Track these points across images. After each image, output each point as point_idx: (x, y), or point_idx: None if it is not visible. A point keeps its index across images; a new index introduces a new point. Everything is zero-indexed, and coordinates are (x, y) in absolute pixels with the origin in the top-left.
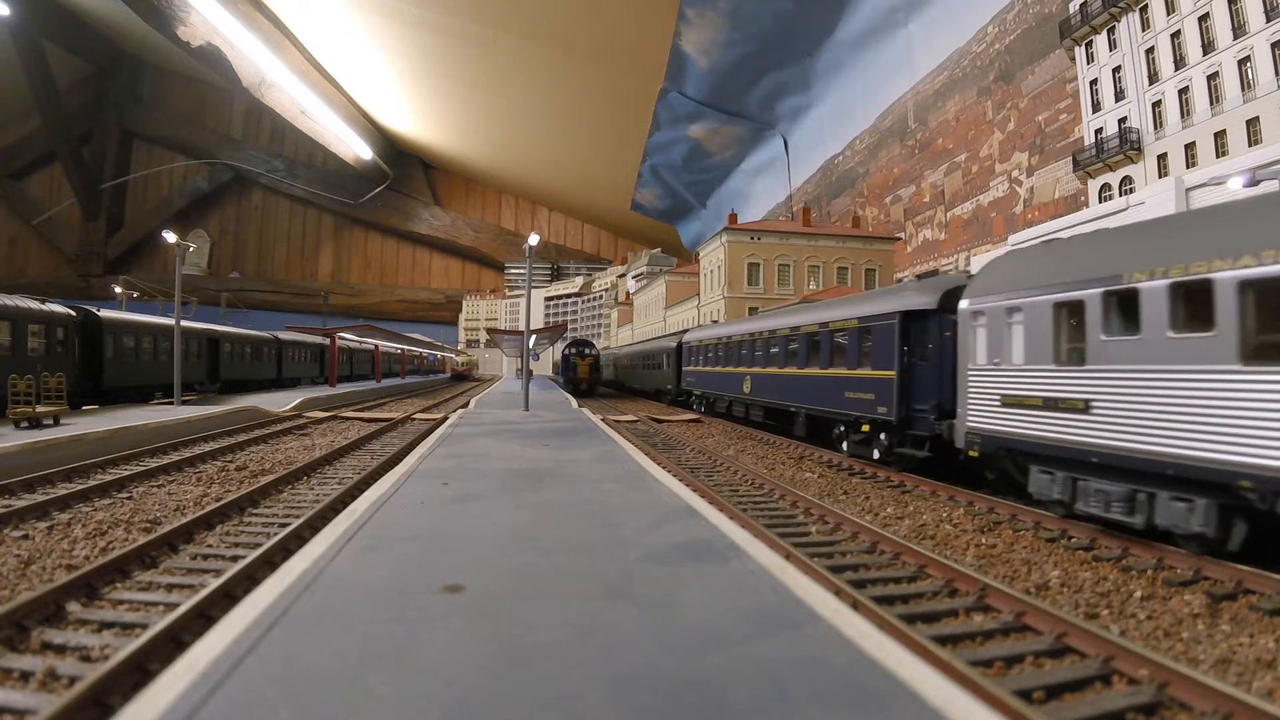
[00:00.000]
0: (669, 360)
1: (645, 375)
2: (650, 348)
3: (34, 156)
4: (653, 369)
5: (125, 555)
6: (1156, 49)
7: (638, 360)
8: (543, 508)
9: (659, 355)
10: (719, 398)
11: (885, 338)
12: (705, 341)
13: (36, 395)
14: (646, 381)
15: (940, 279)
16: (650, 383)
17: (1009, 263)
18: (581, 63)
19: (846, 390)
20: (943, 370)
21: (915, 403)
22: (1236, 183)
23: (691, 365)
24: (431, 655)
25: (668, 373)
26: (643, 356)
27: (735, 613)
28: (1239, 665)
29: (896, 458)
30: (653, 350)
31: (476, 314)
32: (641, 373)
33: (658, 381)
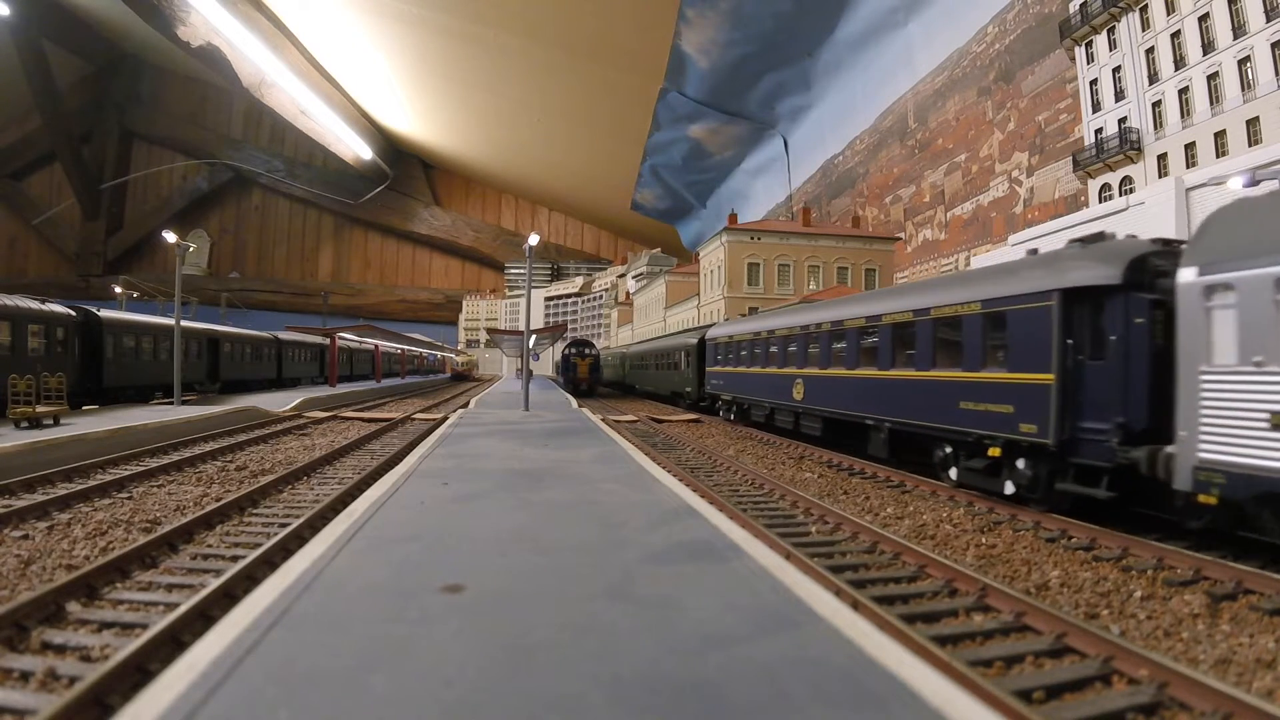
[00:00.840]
0: (688, 359)
1: (659, 376)
2: (665, 345)
3: (34, 156)
4: (668, 369)
5: (125, 555)
6: (1156, 49)
7: (649, 359)
8: (543, 508)
9: (676, 354)
10: (755, 404)
11: (1034, 327)
12: (738, 337)
13: (36, 395)
14: (660, 383)
15: (1118, 244)
16: (665, 385)
17: (1272, 207)
18: (581, 63)
19: (963, 399)
20: (1131, 373)
21: (1085, 419)
22: (1236, 183)
23: (719, 365)
24: (431, 655)
25: (687, 374)
26: (656, 355)
27: (735, 612)
28: (1239, 665)
29: (1047, 495)
30: (668, 348)
31: (476, 314)
32: (654, 374)
33: (674, 383)
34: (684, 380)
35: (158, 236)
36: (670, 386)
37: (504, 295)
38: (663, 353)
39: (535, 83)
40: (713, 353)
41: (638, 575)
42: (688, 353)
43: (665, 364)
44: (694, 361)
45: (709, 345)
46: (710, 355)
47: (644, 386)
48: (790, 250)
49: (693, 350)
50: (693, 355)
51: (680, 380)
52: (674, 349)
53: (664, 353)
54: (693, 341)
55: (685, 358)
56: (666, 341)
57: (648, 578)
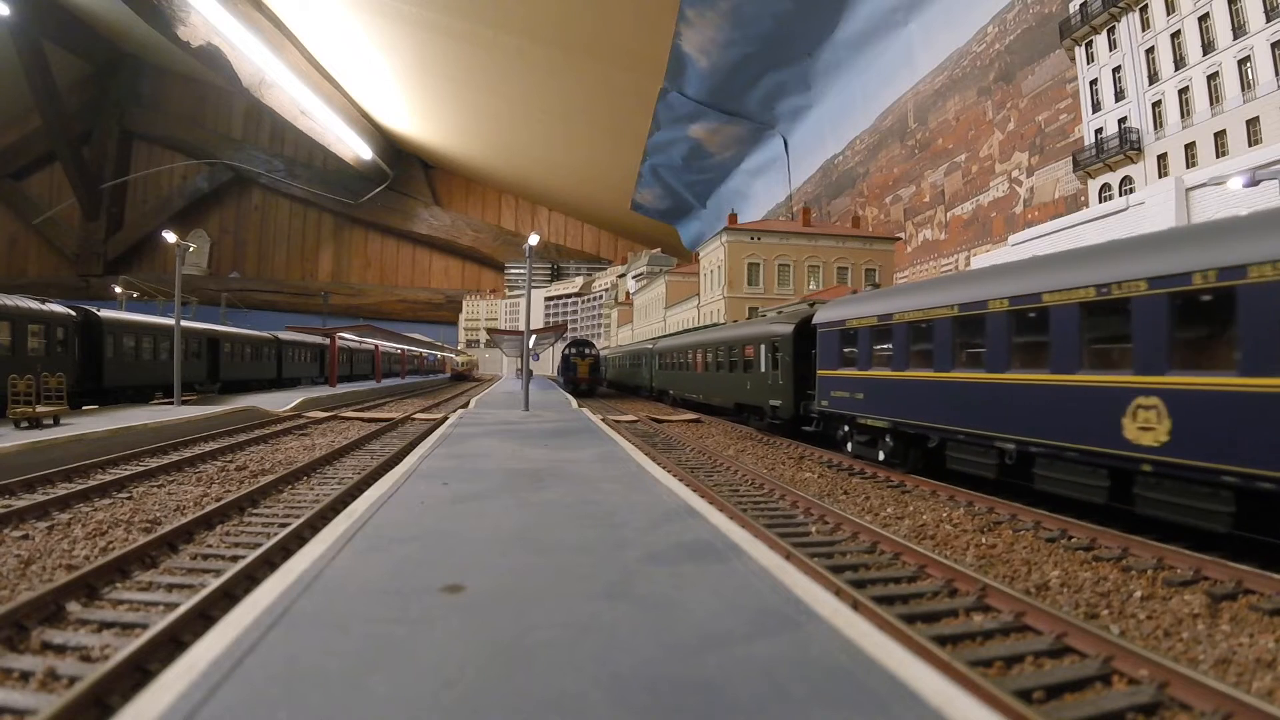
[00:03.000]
0: (774, 356)
1: (713, 381)
2: (728, 335)
3: (34, 156)
4: (734, 370)
5: (125, 555)
6: (1156, 49)
7: (698, 356)
8: (543, 508)
9: (752, 346)
10: (952, 439)
11: None
12: (905, 316)
13: (36, 395)
14: (714, 389)
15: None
16: (728, 393)
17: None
18: (581, 63)
19: None
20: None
21: None
22: (1236, 183)
23: (848, 367)
24: (432, 655)
25: (770, 378)
26: (707, 350)
27: (735, 612)
28: (1239, 665)
29: None
30: (736, 339)
31: (476, 314)
32: (703, 377)
33: (746, 392)
34: (765, 389)
35: (158, 236)
36: (738, 395)
37: (504, 295)
38: (725, 346)
39: (535, 83)
40: (832, 344)
41: (638, 575)
42: (774, 346)
43: (725, 363)
44: (789, 360)
45: (827, 334)
46: (827, 350)
47: (684, 393)
48: (790, 250)
49: (785, 342)
50: (785, 349)
51: (757, 389)
52: (747, 340)
53: (727, 345)
54: (784, 330)
55: (768, 355)
56: (729, 332)
57: (648, 578)
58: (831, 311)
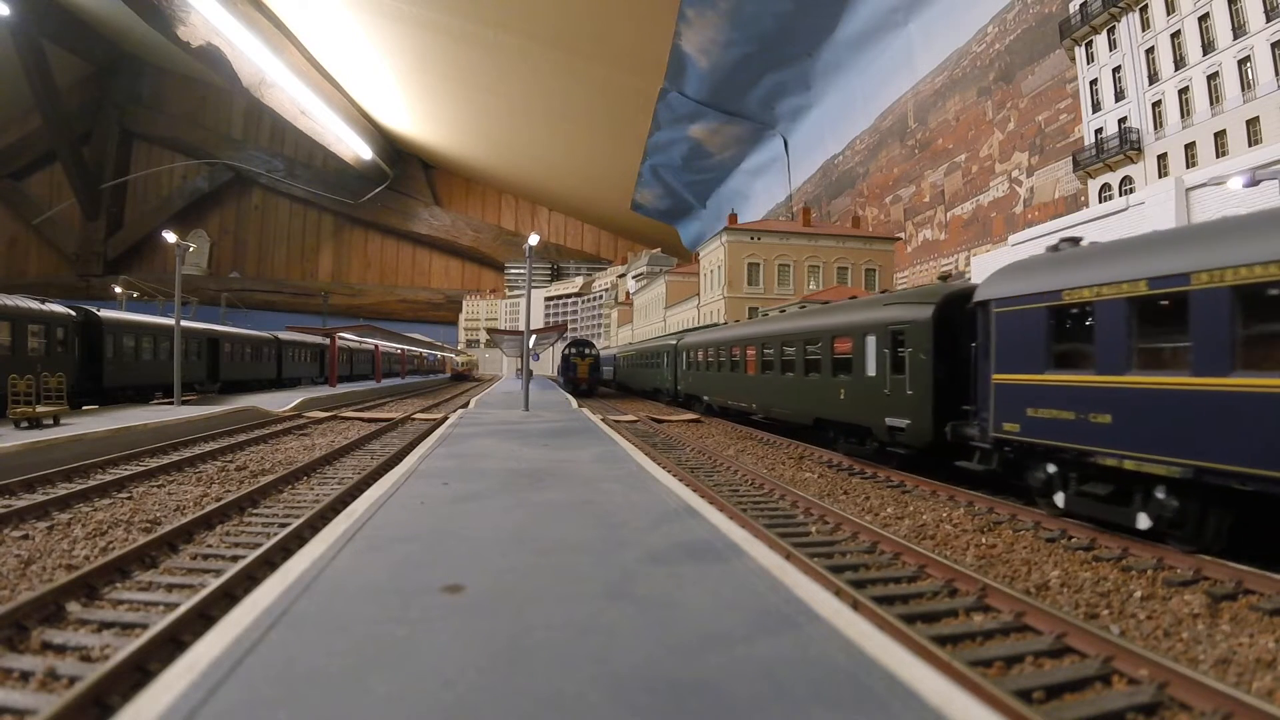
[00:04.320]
0: (893, 352)
1: (777, 387)
2: (807, 325)
3: (34, 156)
4: (814, 372)
5: (125, 555)
6: (1156, 49)
7: (751, 353)
8: (543, 508)
9: (851, 337)
10: None
11: None
12: (1240, 276)
13: (36, 395)
14: (779, 398)
15: None
16: (803, 403)
17: None
18: (581, 63)
19: None
20: None
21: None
22: (1236, 183)
23: (1069, 369)
24: (431, 655)
25: (886, 384)
26: (773, 344)
27: (735, 612)
28: (1239, 665)
29: None
30: (819, 329)
31: (476, 314)
32: (760, 381)
33: (838, 404)
34: (880, 400)
35: (158, 236)
36: (822, 409)
37: (504, 295)
38: (793, 339)
39: (535, 83)
40: (1033, 331)
41: (638, 575)
42: (896, 338)
43: (799, 362)
44: (921, 358)
45: (1014, 317)
46: (1018, 339)
47: (728, 400)
48: (790, 250)
49: (919, 332)
50: (917, 342)
51: (864, 399)
52: (836, 331)
53: (798, 339)
54: (917, 315)
55: (885, 349)
56: (808, 320)
57: (648, 578)
58: (1022, 279)
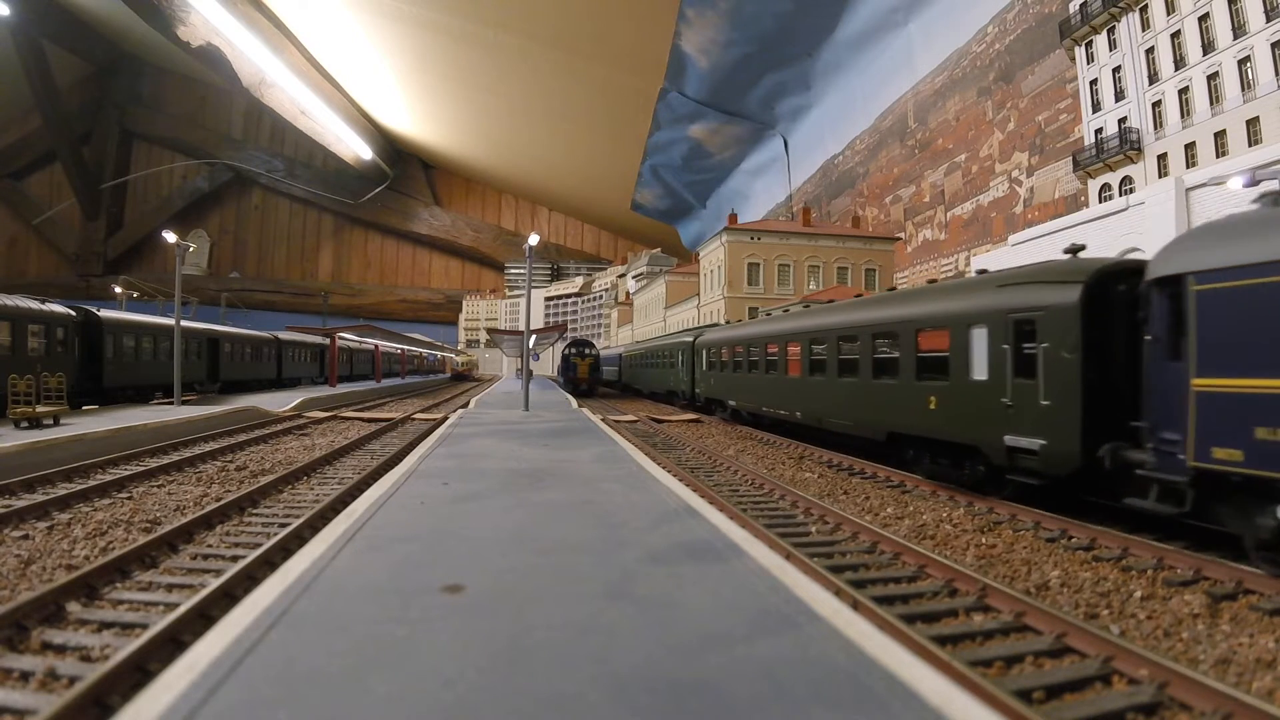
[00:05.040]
0: (1014, 350)
1: (834, 393)
2: (877, 317)
3: (34, 156)
4: (889, 374)
5: (125, 555)
6: (1156, 49)
7: (796, 351)
8: (543, 508)
9: (944, 331)
10: None
11: None
12: None
13: (36, 395)
14: (837, 405)
15: None
16: (873, 412)
17: None
18: (581, 63)
19: None
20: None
21: None
22: (1236, 183)
23: None
24: (431, 655)
25: (1003, 390)
26: (827, 339)
27: (735, 612)
28: (1239, 665)
29: None
30: (896, 321)
31: (476, 314)
32: (809, 385)
33: (926, 415)
34: (992, 412)
35: (158, 236)
36: (901, 420)
37: (504, 295)
38: (856, 333)
39: (535, 83)
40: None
41: (638, 575)
42: (1021, 329)
43: (866, 362)
44: (1066, 356)
45: (1240, 295)
46: (1244, 328)
47: (764, 406)
48: (790, 250)
49: (1060, 322)
50: (1057, 336)
51: (968, 409)
52: (921, 322)
53: (863, 333)
54: (1059, 300)
55: (1003, 345)
56: (878, 310)
57: (647, 578)
58: (1245, 242)
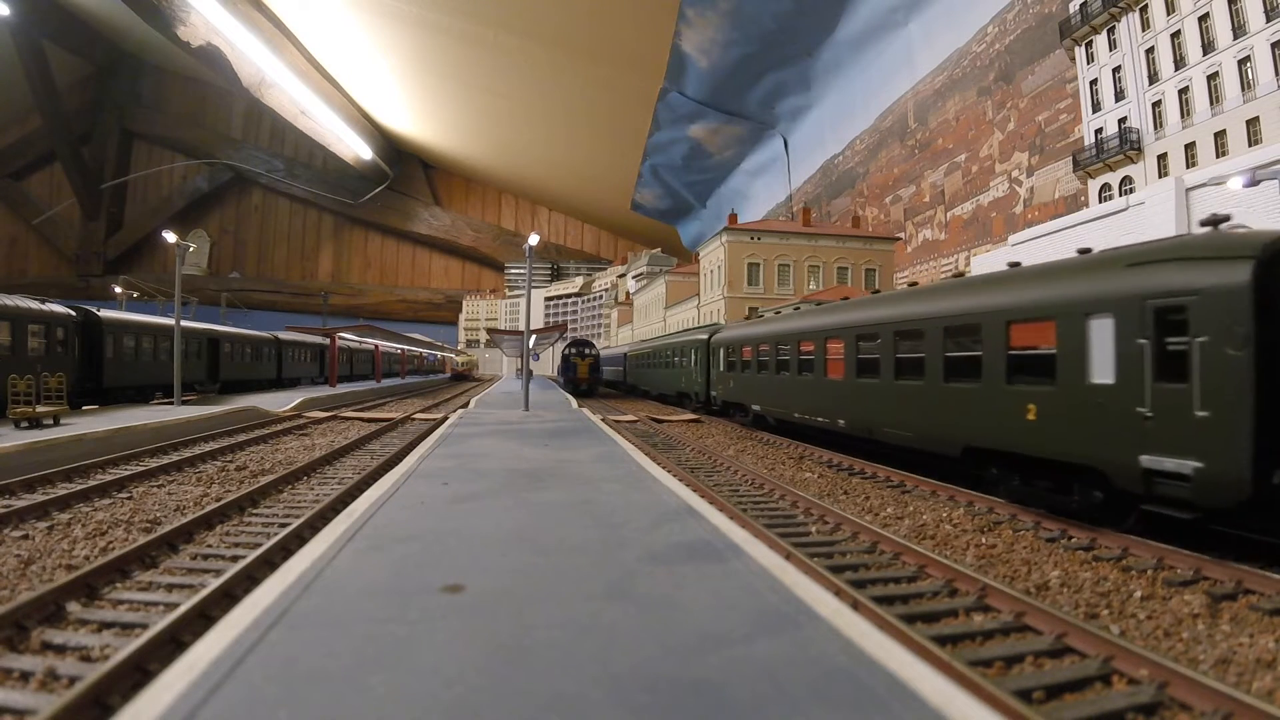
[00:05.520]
0: (1179, 345)
1: (890, 398)
2: (962, 307)
3: (34, 156)
4: (970, 377)
5: (125, 555)
6: (1156, 49)
7: (839, 350)
8: (543, 508)
9: (1053, 321)
10: None
11: None
12: None
13: (36, 395)
14: (893, 412)
15: None
16: (946, 422)
17: None
18: (582, 63)
19: None
20: None
21: None
22: (1236, 183)
23: None
24: (431, 655)
25: (1171, 395)
26: (880, 333)
27: (735, 612)
28: (1239, 665)
29: None
30: (986, 312)
31: (476, 314)
32: (856, 390)
33: (1027, 430)
34: (1135, 428)
35: (158, 236)
36: (992, 433)
37: (504, 295)
38: (924, 326)
39: (535, 83)
40: None
41: (638, 575)
42: (1187, 318)
43: (935, 363)
44: (1235, 357)
45: None
46: None
47: (795, 413)
48: (790, 250)
49: (1230, 301)
50: (1225, 328)
51: (1098, 420)
52: (1024, 310)
53: (936, 327)
54: (1231, 280)
55: (1165, 341)
56: (962, 299)
57: (648, 577)
58: None
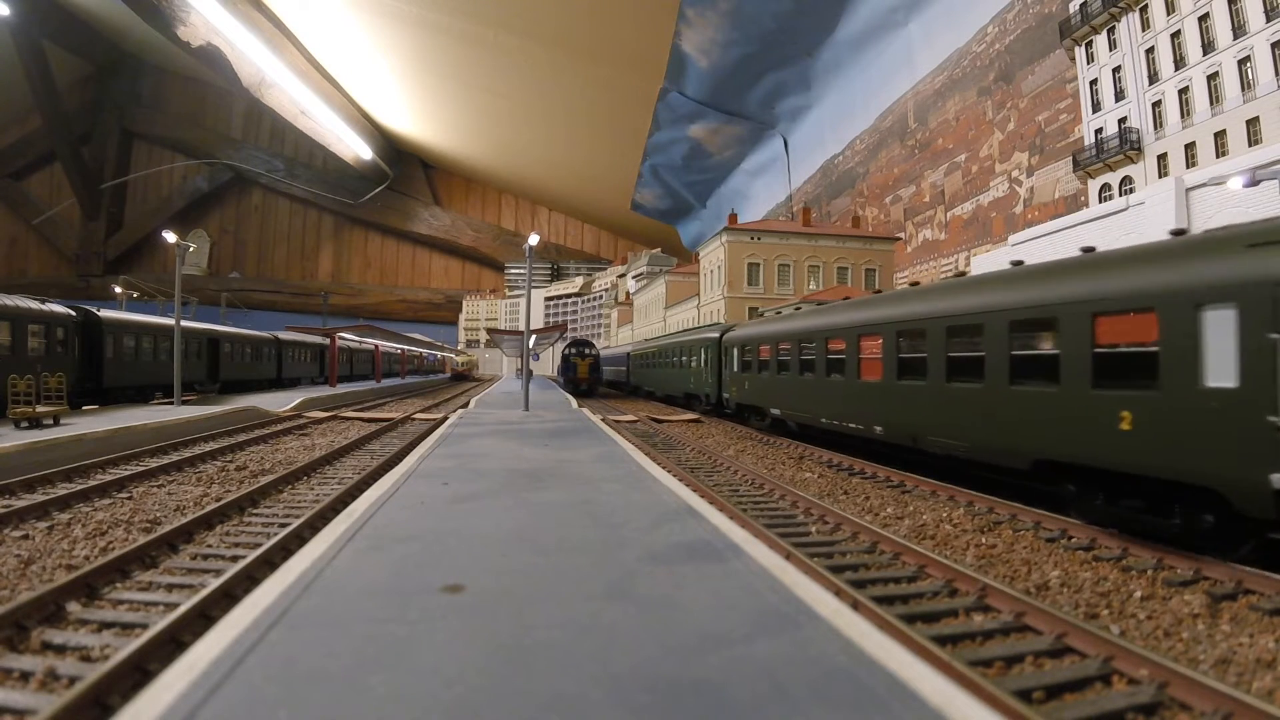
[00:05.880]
0: None
1: (1056, 407)
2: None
3: (34, 156)
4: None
5: (125, 555)
6: (1156, 49)
7: (921, 345)
8: (543, 508)
9: None
10: None
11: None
12: None
13: (36, 395)
14: (1061, 425)
15: None
16: (1139, 441)
17: None
18: (582, 63)
19: None
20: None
21: None
22: (1236, 183)
23: None
24: (431, 655)
25: None
26: (1003, 323)
27: (735, 612)
28: (1239, 665)
29: None
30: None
31: (476, 314)
32: (966, 398)
33: None
34: None
35: (158, 236)
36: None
37: (504, 295)
38: (1091, 308)
39: (535, 83)
40: None
41: (638, 575)
42: None
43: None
44: None
45: None
46: None
47: (851, 422)
48: (790, 250)
49: None
50: None
51: None
52: None
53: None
54: None
55: None
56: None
57: (648, 577)
58: None
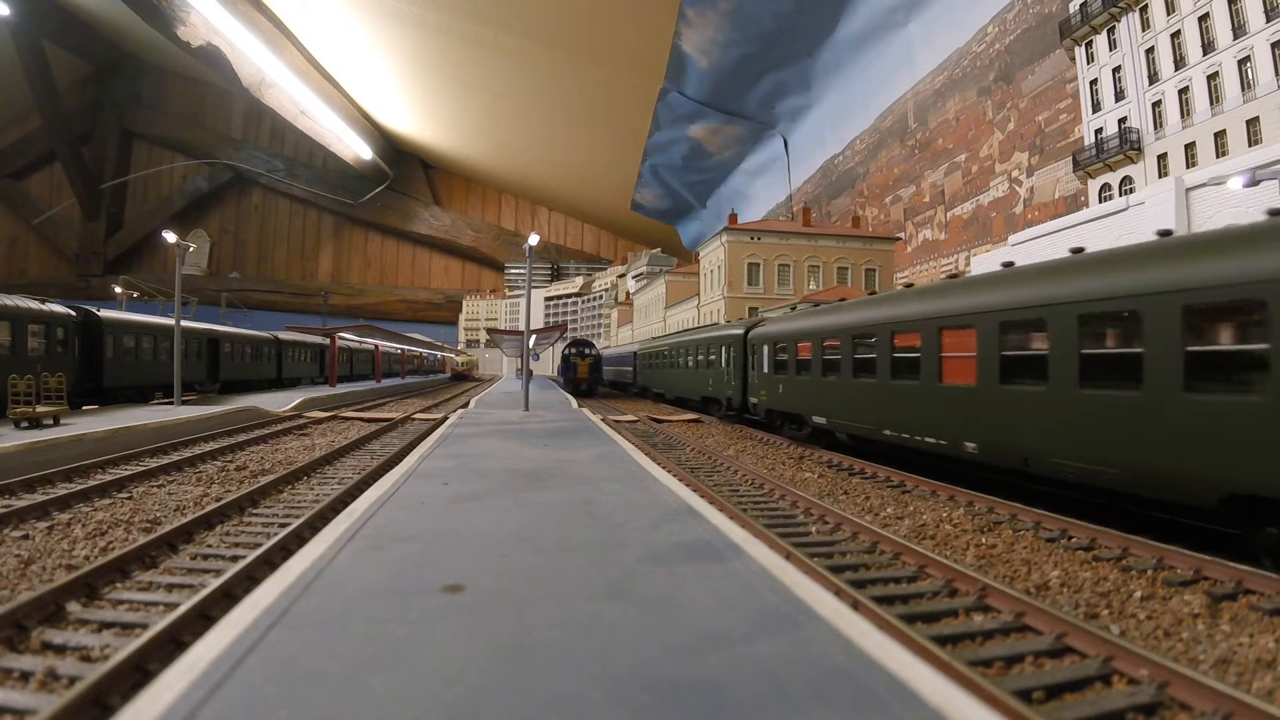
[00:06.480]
0: None
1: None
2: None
3: (34, 156)
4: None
5: (125, 555)
6: (1156, 49)
7: (1044, 343)
8: (543, 508)
9: None
10: None
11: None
12: None
13: (36, 395)
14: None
15: None
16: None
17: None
18: (582, 63)
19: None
20: None
21: None
22: (1236, 183)
23: None
24: (431, 655)
25: None
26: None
27: (735, 612)
28: (1239, 665)
29: None
30: None
31: (476, 314)
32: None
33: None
34: None
35: (158, 236)
36: None
37: (504, 295)
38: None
39: (535, 83)
40: None
41: (638, 575)
42: None
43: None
44: None
45: None
46: None
47: (923, 435)
48: (790, 250)
49: None
50: None
51: None
52: None
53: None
54: None
55: None
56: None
57: (648, 577)
58: None
